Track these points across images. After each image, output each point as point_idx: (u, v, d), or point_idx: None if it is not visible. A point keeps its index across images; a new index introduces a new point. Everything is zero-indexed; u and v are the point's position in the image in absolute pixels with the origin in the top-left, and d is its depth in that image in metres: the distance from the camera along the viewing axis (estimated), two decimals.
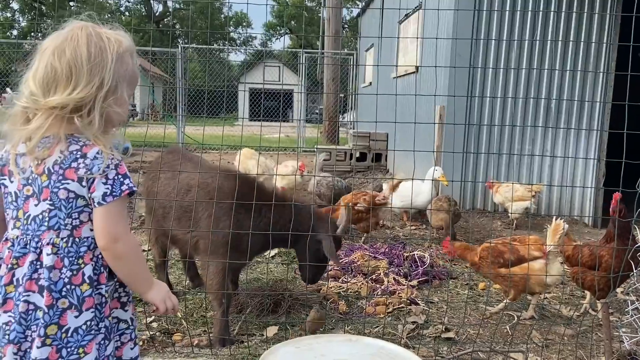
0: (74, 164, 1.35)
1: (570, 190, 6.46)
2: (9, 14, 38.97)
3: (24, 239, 1.38)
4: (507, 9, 6.26)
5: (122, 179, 1.37)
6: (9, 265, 1.37)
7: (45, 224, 1.37)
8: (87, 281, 1.38)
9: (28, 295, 1.36)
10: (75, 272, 1.37)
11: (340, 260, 3.98)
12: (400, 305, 3.26)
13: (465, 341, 2.89)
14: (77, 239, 1.39)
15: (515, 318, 3.20)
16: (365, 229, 4.73)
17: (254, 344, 2.71)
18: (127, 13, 40.48)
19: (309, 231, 2.70)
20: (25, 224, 1.39)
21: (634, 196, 2.57)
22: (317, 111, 21.96)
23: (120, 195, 1.36)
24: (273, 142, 12.42)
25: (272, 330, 2.85)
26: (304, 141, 13.04)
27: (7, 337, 1.35)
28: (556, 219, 3.11)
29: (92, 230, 1.38)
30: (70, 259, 1.38)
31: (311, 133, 13.91)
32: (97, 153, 1.36)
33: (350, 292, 3.49)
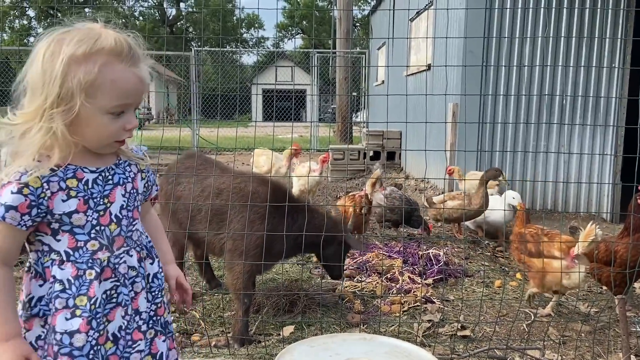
0: None
1: (587, 186, 6.40)
2: (25, 22, 39.61)
3: None
4: (519, 6, 6.22)
5: None
6: None
7: None
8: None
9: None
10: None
11: (355, 260, 4.01)
12: (415, 304, 3.27)
13: (482, 339, 2.89)
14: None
15: (532, 316, 3.19)
16: (360, 229, 4.70)
17: (270, 343, 2.74)
18: (141, 17, 40.89)
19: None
20: None
21: None
22: (329, 110, 21.98)
23: None
24: (286, 143, 12.49)
25: (288, 330, 2.88)
26: (317, 141, 13.08)
27: None
28: (591, 224, 3.07)
29: (31, 251, 1.28)
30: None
31: (324, 132, 13.93)
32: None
33: (366, 291, 3.51)
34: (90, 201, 1.25)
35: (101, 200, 1.27)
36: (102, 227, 1.27)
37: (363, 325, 2.99)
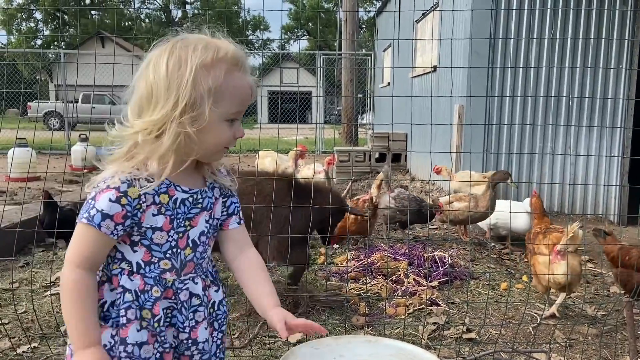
0: None
1: (594, 188, 6.37)
2: (32, 24, 39.89)
3: None
4: (526, 7, 6.20)
5: (90, 206, 1.17)
6: None
7: None
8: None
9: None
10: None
11: (361, 262, 4.00)
12: (421, 306, 3.26)
13: (487, 342, 2.88)
14: None
15: (538, 318, 3.17)
16: (364, 233, 4.66)
17: (275, 345, 2.74)
18: (146, 20, 41.07)
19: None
20: None
21: None
22: (335, 112, 21.99)
23: (79, 220, 1.18)
24: (292, 144, 12.49)
25: None
26: (323, 143, 13.07)
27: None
28: (576, 223, 3.08)
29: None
30: None
31: (329, 134, 13.93)
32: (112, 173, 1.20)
33: (371, 293, 3.50)
34: (174, 221, 1.24)
35: (183, 222, 1.25)
36: (179, 250, 1.26)
37: (368, 328, 2.98)
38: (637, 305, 3.40)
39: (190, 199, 1.26)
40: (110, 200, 1.16)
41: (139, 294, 1.22)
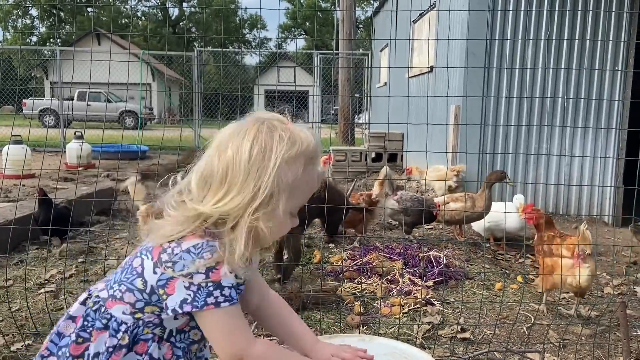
0: (166, 244, 1.12)
1: (589, 189, 6.39)
2: (28, 21, 39.72)
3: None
4: (522, 8, 6.22)
5: (215, 287, 1.09)
6: None
7: (110, 277, 1.22)
8: (85, 358, 1.15)
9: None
10: (79, 340, 1.16)
11: (356, 261, 4.01)
12: (415, 306, 3.26)
13: (482, 341, 2.88)
14: (102, 309, 1.17)
15: (532, 318, 3.18)
16: (361, 229, 4.73)
17: None
18: (143, 18, 40.96)
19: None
20: None
21: None
22: (332, 112, 22.00)
23: (201, 308, 1.09)
24: None
25: None
26: (319, 142, 13.07)
27: None
28: (584, 227, 3.07)
29: (124, 314, 1.15)
30: (86, 323, 1.17)
31: (326, 134, 13.94)
32: (194, 247, 1.09)
33: (366, 292, 3.50)
34: None
35: None
36: None
37: (363, 327, 2.98)
38: (630, 305, 3.41)
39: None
40: (229, 271, 1.09)
41: None
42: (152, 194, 5.51)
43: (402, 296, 3.39)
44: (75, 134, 9.69)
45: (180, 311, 1.09)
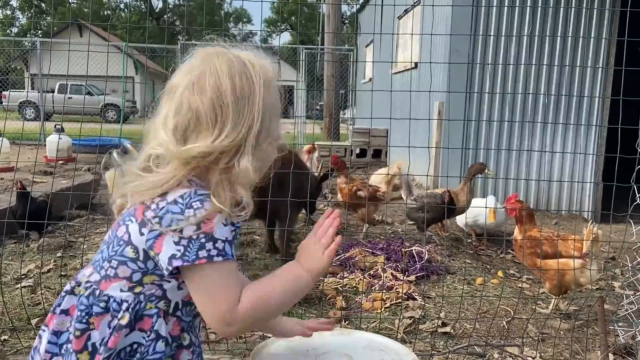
0: (148, 201, 1.06)
1: (569, 185, 6.47)
2: (8, 12, 38.97)
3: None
4: (506, 4, 6.26)
5: (208, 240, 1.02)
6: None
7: (96, 257, 1.14)
8: (90, 349, 1.06)
9: (43, 330, 1.13)
10: (78, 334, 1.07)
11: (339, 256, 4.00)
12: (397, 301, 3.28)
13: (462, 335, 2.91)
14: (97, 292, 1.09)
15: (512, 313, 3.21)
16: (363, 216, 4.78)
17: (252, 339, 2.73)
18: (126, 10, 40.43)
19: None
20: None
21: (628, 190, 2.58)
22: (317, 107, 21.98)
23: (193, 262, 1.01)
24: None
25: None
26: (304, 137, 13.04)
27: None
28: (591, 225, 3.06)
29: (122, 291, 1.07)
30: (80, 312, 1.08)
31: (311, 129, 13.92)
32: (181, 197, 1.03)
33: (348, 287, 3.50)
34: None
35: None
36: None
37: (345, 321, 2.98)
38: (607, 300, 3.47)
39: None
40: (224, 224, 1.04)
41: (170, 341, 1.08)
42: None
43: (384, 291, 3.39)
44: (55, 126, 9.54)
45: (170, 268, 1.01)
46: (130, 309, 1.06)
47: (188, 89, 1.08)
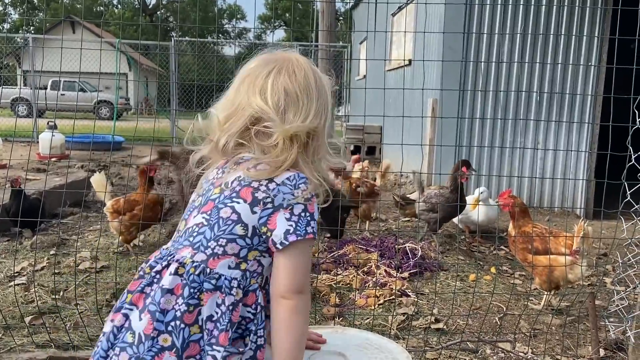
0: (255, 184, 1.17)
1: (561, 182, 6.51)
2: (0, 8, 38.62)
3: (167, 251, 1.21)
4: (499, 2, 6.28)
5: (310, 218, 1.16)
6: (141, 273, 1.20)
7: (190, 239, 1.19)
8: (199, 323, 1.13)
9: (130, 310, 1.14)
10: (191, 309, 1.12)
11: (332, 253, 4.02)
12: (391, 297, 3.29)
13: (455, 331, 2.93)
14: (207, 270, 1.15)
15: (504, 308, 3.24)
16: (365, 213, 4.88)
17: None
18: (119, 6, 40.20)
19: None
20: (179, 236, 1.23)
21: (619, 187, 2.60)
22: None
23: (304, 236, 1.15)
24: None
25: None
26: None
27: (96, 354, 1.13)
28: (582, 222, 3.08)
29: (230, 268, 1.15)
30: (192, 290, 1.13)
31: None
32: (288, 179, 1.17)
33: (342, 284, 3.52)
34: None
35: None
36: None
37: (338, 318, 3.00)
38: (598, 296, 3.50)
39: None
40: (317, 206, 1.20)
41: (263, 309, 1.18)
42: (114, 189, 5.42)
43: (378, 288, 3.41)
44: (48, 123, 9.49)
45: (286, 243, 1.13)
46: (240, 286, 1.15)
47: (278, 73, 1.22)
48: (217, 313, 1.12)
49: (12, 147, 3.22)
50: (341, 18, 36.50)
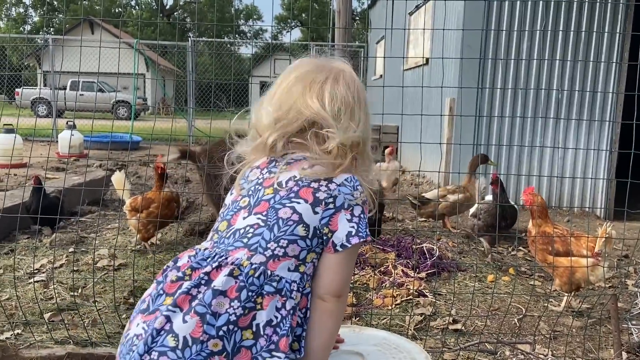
0: (314, 184, 1.16)
1: (581, 182, 6.41)
2: (21, 9, 39.28)
3: (211, 251, 1.15)
4: None
5: (365, 221, 1.18)
6: (180, 275, 1.12)
7: (244, 240, 1.14)
8: (254, 329, 1.08)
9: (173, 312, 1.06)
10: (246, 312, 1.07)
11: None
12: (408, 297, 3.26)
13: (473, 332, 2.89)
14: (267, 272, 1.11)
15: (524, 310, 3.19)
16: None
17: None
18: (137, 7, 40.62)
19: None
20: (222, 237, 1.17)
21: None
22: None
23: (365, 237, 1.16)
24: None
25: None
26: None
27: (130, 353, 1.07)
28: (606, 225, 3.03)
29: (289, 270, 1.12)
30: (250, 293, 1.09)
31: None
32: (346, 180, 1.18)
33: (359, 284, 3.49)
34: None
35: None
36: None
37: (355, 318, 2.98)
38: (621, 298, 3.43)
39: None
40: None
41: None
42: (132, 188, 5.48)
43: (395, 287, 3.38)
44: (67, 123, 9.61)
45: (348, 245, 1.13)
46: (300, 289, 1.13)
47: (335, 82, 1.24)
48: (276, 317, 1.08)
49: (32, 146, 3.26)
50: (357, 17, 36.43)
